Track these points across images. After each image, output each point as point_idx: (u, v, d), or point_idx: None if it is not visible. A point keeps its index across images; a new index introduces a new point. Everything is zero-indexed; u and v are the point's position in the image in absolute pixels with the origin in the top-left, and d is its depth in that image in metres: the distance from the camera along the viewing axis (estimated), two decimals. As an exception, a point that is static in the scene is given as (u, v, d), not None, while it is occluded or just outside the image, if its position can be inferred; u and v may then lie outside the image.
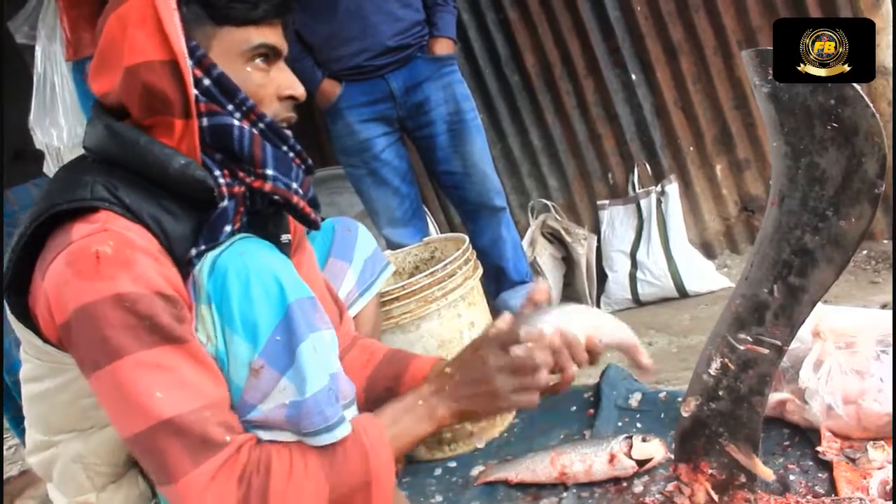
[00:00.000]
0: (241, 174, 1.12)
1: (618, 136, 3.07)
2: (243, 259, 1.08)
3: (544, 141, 3.17)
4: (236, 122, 1.10)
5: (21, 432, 1.33)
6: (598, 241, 3.08)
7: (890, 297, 2.25)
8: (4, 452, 3.27)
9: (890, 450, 1.43)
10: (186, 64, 1.06)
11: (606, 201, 3.09)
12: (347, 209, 3.25)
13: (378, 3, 2.45)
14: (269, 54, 1.15)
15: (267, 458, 1.02)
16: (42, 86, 3.50)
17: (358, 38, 2.47)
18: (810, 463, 1.51)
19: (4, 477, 2.85)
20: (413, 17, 2.52)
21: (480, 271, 2.18)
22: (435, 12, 2.58)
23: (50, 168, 3.50)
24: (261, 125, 1.13)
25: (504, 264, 2.71)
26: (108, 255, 0.99)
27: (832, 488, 1.42)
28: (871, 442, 1.46)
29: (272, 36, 1.15)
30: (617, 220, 3.04)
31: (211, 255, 1.09)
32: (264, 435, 1.06)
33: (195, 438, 0.98)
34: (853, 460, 1.45)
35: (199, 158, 1.10)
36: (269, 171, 1.13)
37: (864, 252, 2.64)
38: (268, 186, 1.13)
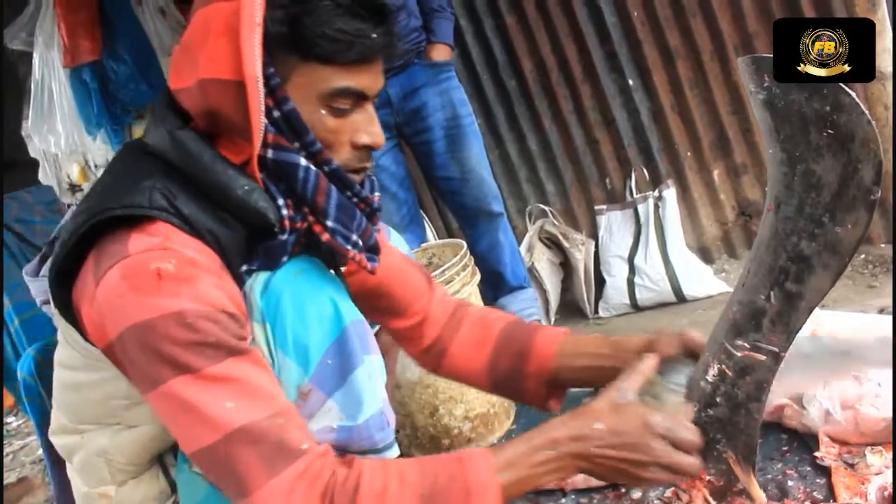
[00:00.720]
0: (304, 209, 1.06)
1: (615, 141, 3.08)
2: (298, 280, 1.06)
3: (542, 146, 3.17)
4: (302, 162, 1.02)
5: (31, 408, 1.32)
6: (596, 246, 3.07)
7: (887, 302, 2.25)
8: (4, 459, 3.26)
9: (888, 455, 1.43)
10: (256, 92, 0.97)
11: (604, 206, 3.09)
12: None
13: (375, 10, 2.45)
14: (352, 102, 1.06)
15: (357, 476, 0.95)
16: (40, 92, 3.50)
17: (355, 44, 2.47)
18: (808, 468, 1.51)
19: (4, 483, 2.85)
20: (410, 24, 2.53)
21: (478, 277, 2.18)
22: (432, 18, 2.58)
23: (47, 175, 3.51)
24: (325, 169, 1.05)
25: (502, 270, 2.71)
26: (171, 272, 0.95)
27: (830, 494, 1.42)
28: (870, 447, 1.46)
29: (362, 79, 1.05)
30: (615, 226, 3.04)
31: (264, 274, 1.07)
32: None
33: (271, 445, 0.93)
34: (851, 465, 1.46)
35: (260, 183, 1.03)
36: (330, 224, 1.06)
37: (862, 256, 2.64)
38: (325, 237, 1.06)
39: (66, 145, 3.86)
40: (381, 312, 1.41)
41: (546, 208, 3.17)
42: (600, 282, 3.01)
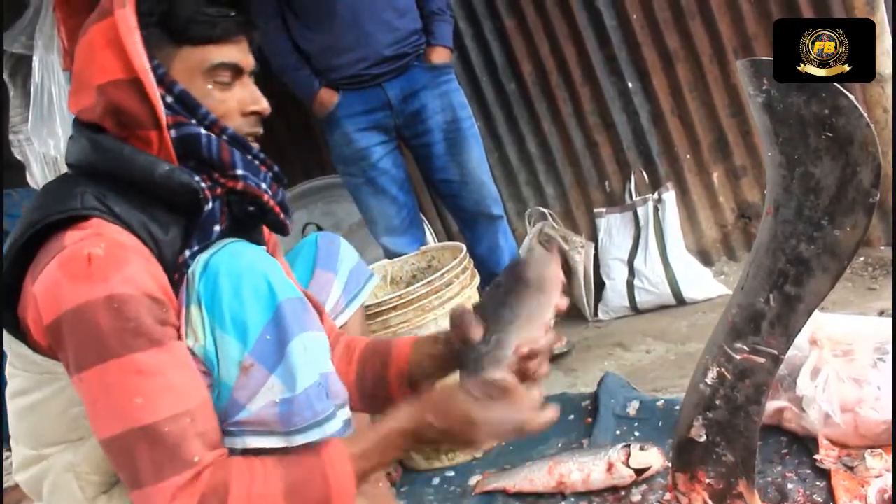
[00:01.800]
0: (216, 176, 1.16)
1: (615, 144, 3.08)
2: (235, 260, 1.11)
3: (541, 149, 3.17)
4: (203, 132, 1.15)
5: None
6: (596, 248, 3.07)
7: (887, 304, 2.24)
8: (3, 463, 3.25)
9: (888, 458, 1.43)
10: (149, 79, 1.11)
11: (603, 209, 3.09)
12: (345, 218, 3.25)
13: (375, 13, 2.45)
14: (230, 74, 1.19)
15: (226, 480, 1.02)
16: (39, 96, 3.50)
17: (355, 47, 2.47)
18: (808, 471, 1.50)
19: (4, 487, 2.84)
20: (410, 27, 2.53)
21: (478, 280, 2.18)
22: (432, 21, 2.58)
23: (35, 178, 3.51)
24: (224, 137, 1.17)
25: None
26: (100, 256, 1.02)
27: (830, 497, 1.42)
28: (869, 450, 1.46)
29: (234, 53, 1.19)
30: (614, 228, 3.04)
31: (203, 256, 1.12)
32: (252, 440, 1.08)
33: (167, 451, 1.00)
34: (851, 468, 1.45)
35: (176, 164, 1.14)
36: (240, 171, 1.16)
37: (862, 259, 2.64)
38: (240, 185, 1.17)
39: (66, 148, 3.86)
40: None
41: (545, 211, 3.17)
42: (600, 284, 3.01)
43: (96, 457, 1.15)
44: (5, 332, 1.12)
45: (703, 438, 1.29)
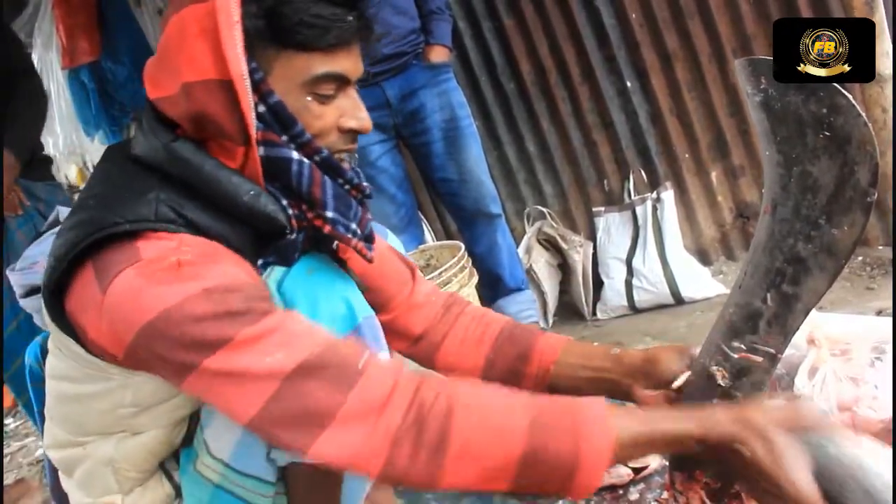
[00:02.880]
0: (304, 208, 1.06)
1: (613, 143, 3.08)
2: (311, 280, 1.07)
3: (540, 148, 3.17)
4: (294, 156, 1.02)
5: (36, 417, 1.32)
6: (594, 248, 3.08)
7: (885, 304, 2.25)
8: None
9: (885, 457, 1.43)
10: (244, 88, 0.97)
11: (602, 208, 3.09)
12: (343, 216, 3.25)
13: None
14: (335, 87, 1.07)
15: (454, 385, 0.92)
16: (38, 94, 3.48)
17: (353, 46, 2.47)
18: (805, 470, 1.50)
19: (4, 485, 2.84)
20: (408, 25, 2.53)
21: (476, 279, 2.19)
22: (430, 20, 2.58)
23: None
24: (316, 158, 1.05)
25: (500, 272, 2.71)
26: (190, 260, 0.94)
27: (827, 496, 1.41)
28: (867, 449, 1.46)
29: (344, 63, 1.06)
30: (613, 227, 3.04)
31: (275, 276, 1.08)
32: None
33: (335, 368, 0.90)
34: (848, 468, 1.45)
35: (262, 184, 1.03)
36: (330, 214, 1.06)
37: (860, 258, 2.64)
38: (327, 229, 1.06)
39: (65, 146, 3.87)
40: None
41: (544, 210, 3.17)
42: (598, 283, 3.02)
43: (139, 456, 1.13)
44: (51, 323, 1.05)
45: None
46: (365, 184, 1.14)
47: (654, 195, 2.97)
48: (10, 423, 3.92)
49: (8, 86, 2.47)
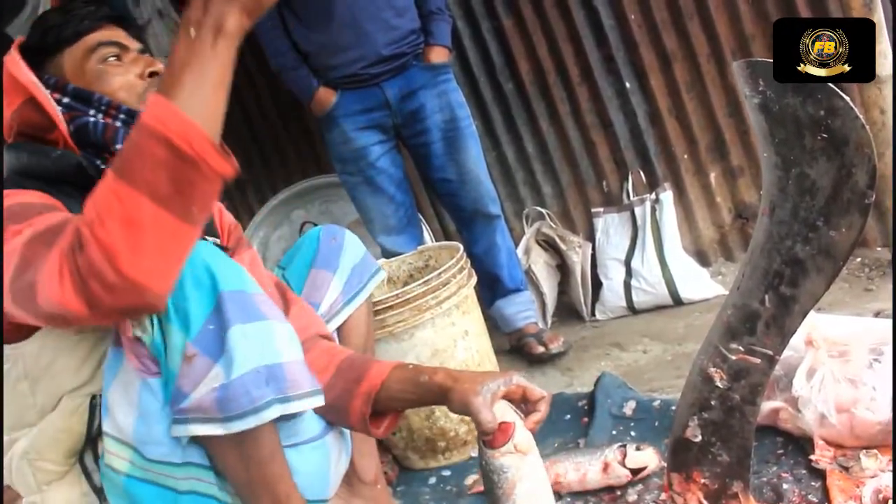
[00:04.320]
0: (107, 157, 1.28)
1: (612, 144, 3.08)
2: None
3: (539, 148, 3.17)
4: (92, 119, 1.28)
5: None
6: (593, 248, 3.07)
7: (883, 305, 2.25)
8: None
9: (883, 458, 1.43)
10: (40, 91, 1.27)
11: (601, 209, 3.09)
12: (342, 217, 3.25)
13: (373, 12, 2.45)
14: (116, 50, 1.34)
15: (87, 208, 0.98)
16: (37, 94, 3.47)
17: (353, 46, 2.47)
18: (803, 471, 1.51)
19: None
20: (408, 26, 2.53)
21: (475, 279, 2.18)
22: (430, 21, 2.58)
23: None
24: (121, 115, 1.30)
25: (499, 272, 2.70)
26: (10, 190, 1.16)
27: (825, 497, 1.42)
28: (864, 450, 1.46)
29: (104, 35, 1.34)
30: (611, 228, 3.04)
31: None
32: (195, 427, 1.09)
33: (49, 233, 1.01)
34: (846, 469, 1.46)
35: (77, 153, 1.27)
36: (118, 146, 1.25)
37: (858, 260, 2.64)
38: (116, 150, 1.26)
39: (63, 146, 3.86)
40: None
41: (543, 211, 3.17)
42: (597, 284, 3.01)
43: (44, 441, 1.21)
44: None
45: (699, 439, 1.29)
46: None
47: (653, 196, 2.97)
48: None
49: None
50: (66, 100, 1.30)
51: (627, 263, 2.94)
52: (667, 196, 2.95)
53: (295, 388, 1.13)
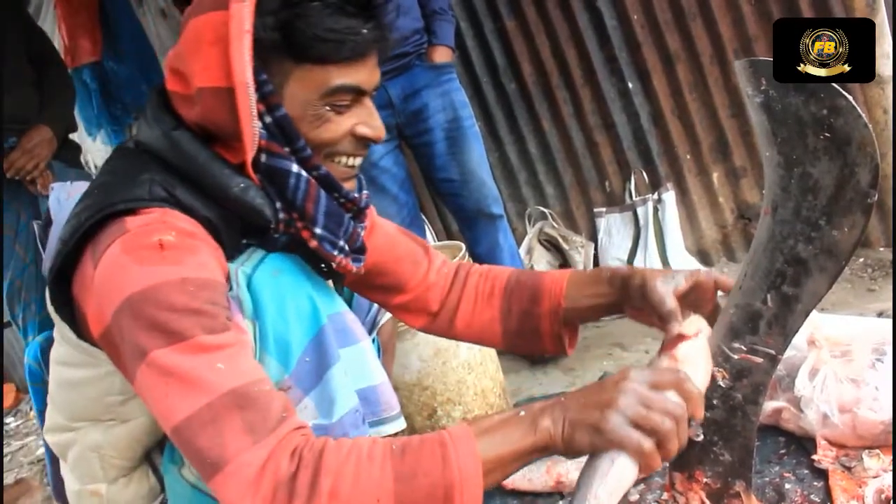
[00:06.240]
0: (294, 217, 1.09)
1: (615, 145, 3.08)
2: (277, 280, 1.08)
3: (541, 149, 3.18)
4: (294, 169, 1.05)
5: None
6: (595, 248, 3.08)
7: (885, 306, 2.25)
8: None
9: (885, 458, 1.43)
10: (247, 97, 0.99)
11: (603, 209, 3.09)
12: (345, 217, 3.25)
13: (376, 12, 2.46)
14: (350, 99, 1.08)
15: (323, 437, 0.91)
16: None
17: (356, 46, 2.47)
18: (806, 471, 1.51)
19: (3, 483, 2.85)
20: (411, 26, 2.53)
21: (477, 279, 2.18)
22: (434, 20, 2.58)
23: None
24: (314, 173, 1.08)
25: (501, 272, 2.70)
26: (173, 242, 0.95)
27: (828, 497, 1.42)
28: (867, 450, 1.46)
29: (358, 75, 1.07)
30: (614, 228, 3.04)
31: (244, 270, 1.08)
32: None
33: (259, 411, 0.89)
34: (849, 469, 1.46)
35: (256, 182, 1.06)
36: (318, 231, 1.09)
37: (861, 260, 2.64)
38: (313, 244, 1.10)
39: (67, 146, 3.86)
40: (383, 291, 1.42)
41: (545, 211, 3.17)
42: (599, 284, 3.01)
43: (124, 443, 1.15)
44: (53, 311, 1.08)
45: (701, 438, 1.28)
46: (364, 193, 1.17)
47: (656, 196, 2.97)
48: (10, 422, 3.92)
49: (40, 68, 2.61)
50: (268, 120, 1.03)
51: (630, 263, 2.94)
52: (669, 196, 2.95)
53: (388, 410, 1.12)
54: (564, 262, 3.06)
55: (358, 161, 1.15)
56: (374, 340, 1.54)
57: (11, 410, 3.99)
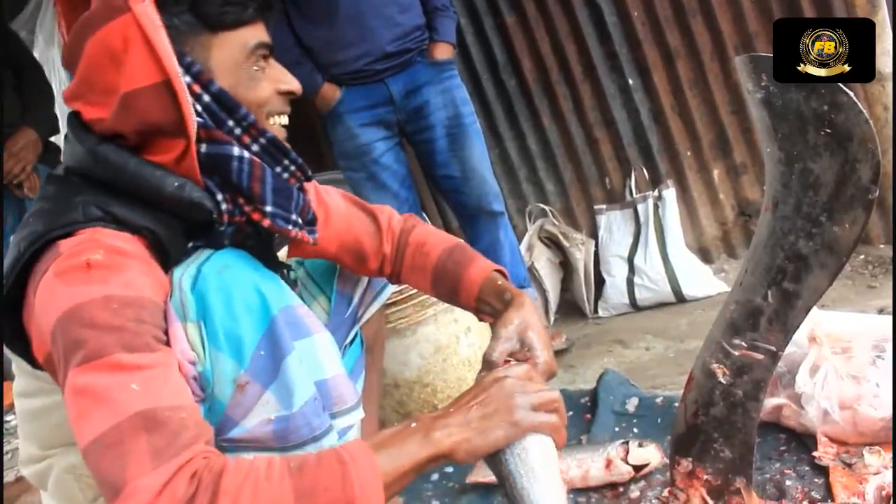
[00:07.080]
0: (241, 201, 1.10)
1: (615, 141, 3.08)
2: (223, 276, 1.07)
3: (542, 146, 3.17)
4: (235, 152, 1.07)
5: None
6: (596, 245, 3.08)
7: (886, 302, 2.25)
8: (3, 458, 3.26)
9: (886, 455, 1.43)
10: (181, 83, 1.02)
11: (604, 206, 3.09)
12: (345, 214, 3.25)
13: (378, 8, 2.45)
14: (267, 53, 1.16)
15: (223, 459, 0.90)
16: (40, 91, 3.49)
17: (357, 42, 2.47)
18: (806, 468, 1.50)
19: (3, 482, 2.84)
20: (413, 22, 2.53)
21: (477, 276, 2.18)
22: (435, 17, 2.58)
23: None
24: (262, 140, 1.11)
25: (502, 269, 2.70)
26: (100, 261, 0.96)
27: (828, 494, 1.42)
28: (868, 447, 1.46)
29: (264, 34, 1.15)
30: (614, 225, 3.04)
31: (190, 271, 1.08)
32: (247, 456, 0.98)
33: (166, 436, 0.88)
34: (849, 465, 1.45)
35: (199, 179, 1.07)
36: (269, 209, 1.11)
37: (862, 257, 2.64)
38: (266, 223, 1.11)
39: (66, 143, 3.87)
40: (352, 265, 1.48)
41: (546, 208, 3.17)
42: (600, 281, 3.02)
43: None
44: (6, 346, 1.08)
45: (702, 436, 1.29)
46: (303, 168, 1.21)
47: (656, 193, 2.97)
48: (10, 420, 3.92)
49: (17, 72, 2.67)
50: (206, 99, 1.06)
51: (630, 260, 2.94)
52: (670, 193, 2.94)
53: (341, 404, 1.12)
54: (565, 259, 3.06)
55: (285, 120, 1.20)
56: (357, 336, 1.55)
57: (11, 409, 3.98)
